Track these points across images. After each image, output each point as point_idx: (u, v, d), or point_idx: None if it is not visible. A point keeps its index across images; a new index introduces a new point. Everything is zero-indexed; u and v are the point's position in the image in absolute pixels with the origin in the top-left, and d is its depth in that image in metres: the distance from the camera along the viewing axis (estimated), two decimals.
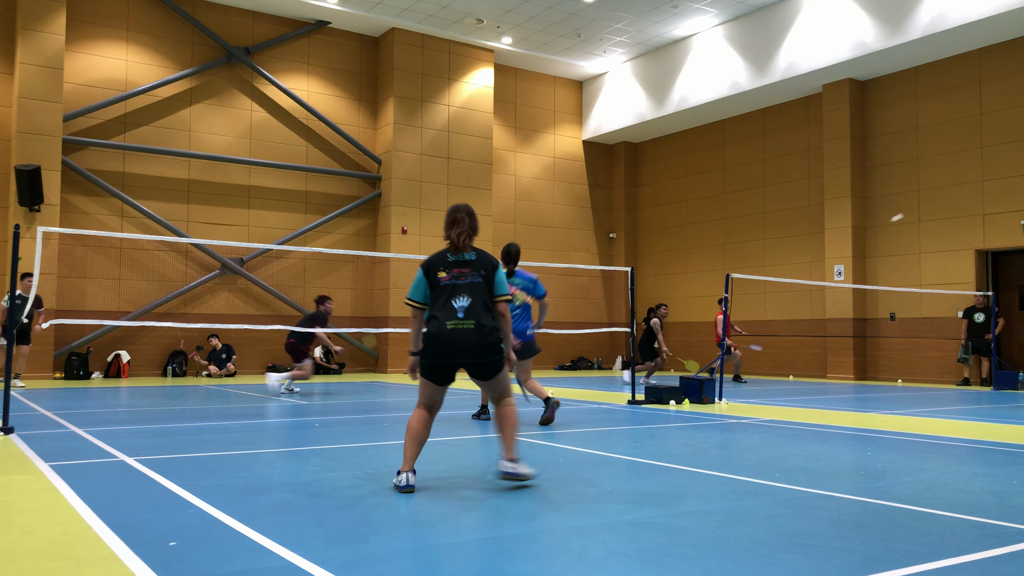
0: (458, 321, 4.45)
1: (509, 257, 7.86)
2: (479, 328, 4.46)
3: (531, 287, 7.94)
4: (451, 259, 4.62)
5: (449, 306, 4.48)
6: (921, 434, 7.26)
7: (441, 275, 4.57)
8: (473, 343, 4.44)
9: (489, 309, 4.56)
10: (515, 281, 7.91)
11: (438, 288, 4.56)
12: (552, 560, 3.08)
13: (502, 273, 4.68)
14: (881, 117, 17.27)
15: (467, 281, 4.54)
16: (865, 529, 3.59)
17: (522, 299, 7.88)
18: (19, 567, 2.93)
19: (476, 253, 4.67)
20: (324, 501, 4.11)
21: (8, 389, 6.85)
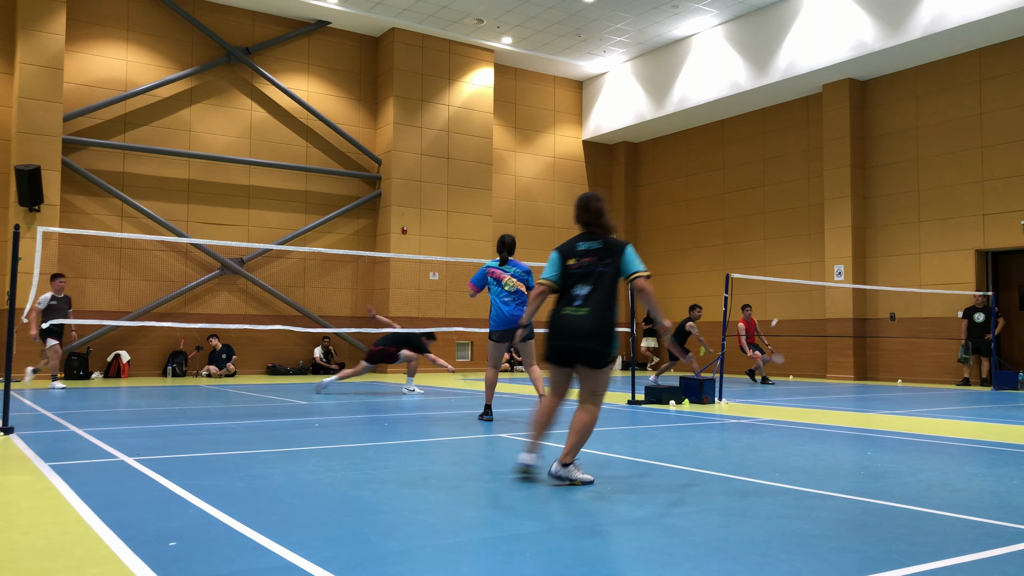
0: (575, 308, 4.63)
1: (503, 247, 8.19)
2: (592, 315, 4.58)
3: (525, 278, 8.15)
4: (580, 247, 4.77)
5: (570, 294, 4.68)
6: (921, 434, 7.26)
7: (570, 262, 4.75)
8: (586, 330, 4.55)
9: (609, 299, 4.64)
10: (508, 270, 8.14)
11: (567, 275, 4.75)
12: (552, 560, 3.08)
13: (630, 253, 4.75)
14: (881, 117, 17.27)
15: (591, 270, 4.67)
16: (865, 529, 3.59)
17: (514, 286, 8.09)
18: (19, 567, 2.93)
19: (604, 241, 4.76)
20: (324, 501, 4.11)
21: (8, 389, 6.85)
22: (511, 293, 8.08)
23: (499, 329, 8.09)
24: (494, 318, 8.12)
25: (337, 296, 18.73)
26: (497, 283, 8.15)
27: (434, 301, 18.98)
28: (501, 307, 8.08)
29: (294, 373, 17.54)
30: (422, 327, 18.10)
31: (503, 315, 8.06)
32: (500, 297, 8.11)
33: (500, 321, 8.08)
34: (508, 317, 8.03)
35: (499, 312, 8.09)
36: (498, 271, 8.17)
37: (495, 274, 8.17)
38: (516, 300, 8.08)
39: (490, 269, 8.21)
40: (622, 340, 22.43)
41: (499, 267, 8.17)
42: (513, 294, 8.08)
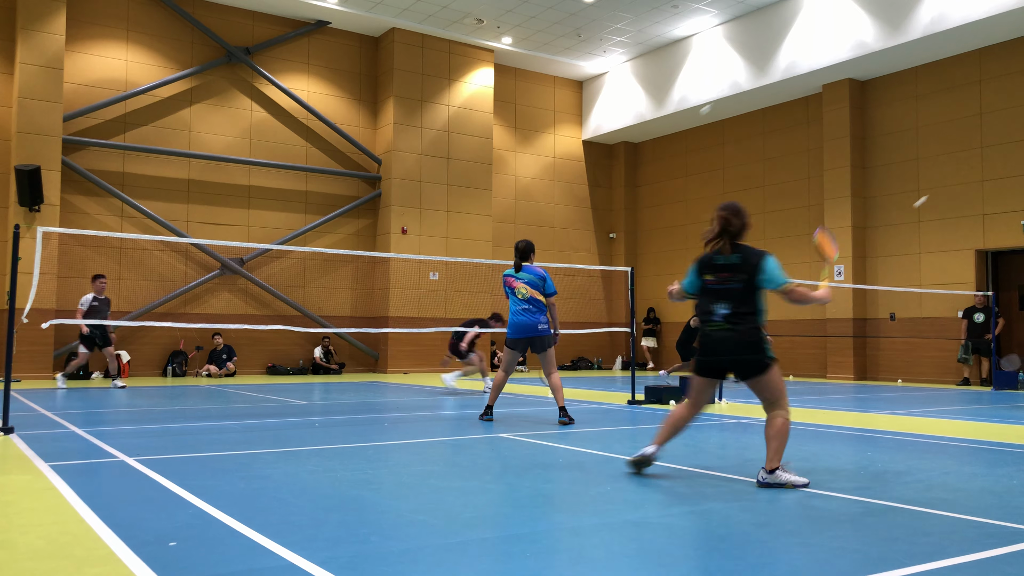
0: (718, 325, 4.77)
1: (516, 253, 8.13)
2: (737, 331, 4.70)
3: (539, 283, 7.99)
4: (718, 261, 4.89)
5: (711, 309, 4.82)
6: (921, 434, 7.26)
7: (708, 277, 4.90)
8: (733, 345, 4.70)
9: (751, 311, 4.74)
10: (522, 276, 8.01)
11: (705, 290, 4.89)
12: (552, 560, 3.08)
13: (770, 264, 4.81)
14: (881, 117, 17.27)
15: (727, 286, 4.79)
16: (865, 529, 3.59)
17: (528, 294, 7.93)
18: (19, 567, 2.93)
19: (741, 255, 4.86)
20: (324, 501, 4.11)
21: (8, 389, 6.85)
22: (525, 301, 7.93)
23: (513, 337, 8.00)
24: (510, 325, 8.04)
25: (337, 296, 18.74)
26: (512, 291, 8.05)
27: (434, 301, 18.98)
28: (515, 315, 7.96)
29: (294, 373, 17.53)
30: (422, 327, 18.11)
31: (517, 323, 7.94)
32: (515, 305, 8.00)
33: (514, 329, 7.98)
34: (521, 325, 7.91)
35: (513, 320, 7.98)
36: (512, 279, 8.07)
37: (509, 282, 8.08)
38: (531, 308, 7.93)
39: (506, 277, 8.12)
40: (622, 340, 22.43)
41: (514, 274, 8.07)
42: (527, 302, 7.93)
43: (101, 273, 13.52)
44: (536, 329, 7.89)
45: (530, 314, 7.91)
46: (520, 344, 7.98)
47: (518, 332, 7.95)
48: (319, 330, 17.39)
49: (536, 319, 7.90)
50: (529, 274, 8.02)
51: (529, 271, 8.04)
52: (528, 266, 8.08)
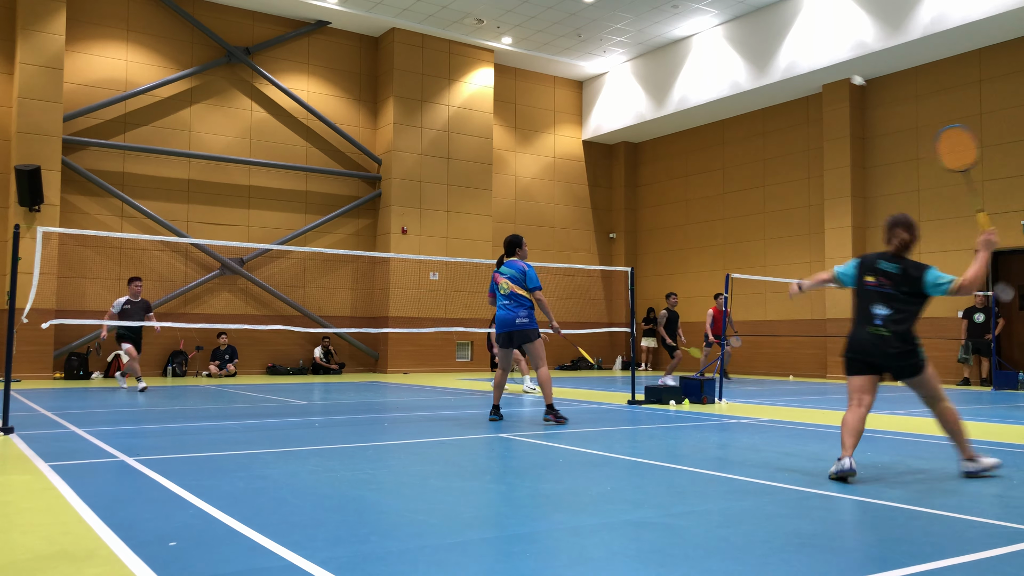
0: (876, 328, 4.92)
1: (504, 247, 8.14)
2: (895, 337, 4.88)
3: (519, 277, 7.90)
4: (880, 266, 5.03)
5: (869, 311, 4.97)
6: (921, 434, 7.26)
7: (868, 279, 5.03)
8: (890, 350, 4.88)
9: (909, 319, 4.93)
10: (504, 271, 7.97)
11: (864, 290, 5.03)
12: (552, 560, 3.07)
13: (930, 278, 4.89)
14: (881, 117, 17.27)
15: (887, 292, 4.95)
16: (865, 529, 3.59)
17: (509, 289, 7.87)
18: (19, 567, 2.93)
19: (901, 267, 4.96)
20: (324, 501, 4.11)
21: (8, 389, 6.85)
22: (506, 296, 7.91)
23: (496, 332, 8.02)
24: (494, 321, 8.03)
25: (337, 296, 18.74)
26: (496, 287, 8.05)
27: (434, 301, 18.98)
28: (497, 311, 7.99)
29: (294, 373, 17.53)
30: (422, 327, 18.11)
31: (497, 318, 7.98)
32: (498, 300, 8.01)
33: (496, 324, 8.01)
34: (500, 320, 7.91)
35: (496, 316, 8.03)
36: (497, 274, 8.07)
37: (495, 278, 8.08)
38: (510, 303, 7.88)
39: (494, 274, 8.12)
40: (622, 340, 22.43)
41: (498, 270, 8.08)
42: (507, 297, 7.90)
43: (137, 276, 13.25)
44: (514, 323, 7.82)
45: (509, 309, 7.86)
46: (502, 339, 7.95)
47: (498, 327, 7.96)
48: (319, 330, 17.40)
49: (514, 313, 7.82)
50: (511, 269, 7.96)
51: (511, 266, 7.99)
52: (511, 261, 8.04)
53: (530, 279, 7.90)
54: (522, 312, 7.85)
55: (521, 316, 7.83)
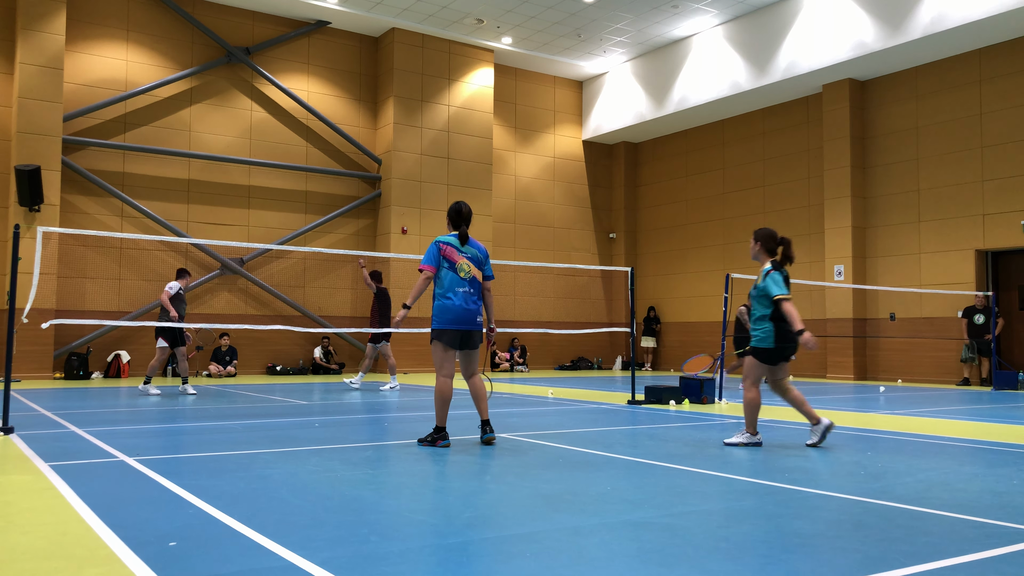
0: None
1: (462, 219, 6.41)
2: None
3: (482, 260, 6.41)
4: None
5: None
6: (921, 434, 7.26)
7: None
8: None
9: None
10: (465, 250, 6.33)
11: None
12: (552, 560, 3.08)
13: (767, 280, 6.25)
14: (881, 117, 17.27)
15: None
16: (865, 529, 3.59)
17: (471, 273, 6.31)
18: (19, 567, 2.93)
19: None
20: (324, 501, 4.11)
21: (8, 389, 6.85)
22: (467, 282, 6.26)
23: (445, 327, 6.19)
24: (442, 310, 6.20)
25: (337, 296, 18.74)
26: (453, 266, 6.26)
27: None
28: (451, 298, 6.20)
29: (294, 373, 17.53)
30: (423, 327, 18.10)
31: (454, 308, 6.19)
32: (454, 285, 6.22)
33: (450, 315, 6.18)
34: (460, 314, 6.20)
35: (447, 304, 6.20)
36: (454, 250, 6.27)
37: (449, 253, 6.27)
38: (472, 292, 6.29)
39: (444, 246, 6.29)
40: (622, 340, 22.42)
41: (458, 246, 6.30)
42: (470, 284, 6.27)
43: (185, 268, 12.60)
44: (475, 322, 6.26)
45: (472, 301, 6.26)
46: (457, 337, 6.19)
47: (455, 321, 6.17)
48: (319, 330, 17.40)
49: (476, 309, 6.29)
50: (474, 248, 6.38)
51: (474, 245, 6.40)
52: (474, 240, 6.43)
53: (489, 266, 6.48)
54: (480, 308, 6.36)
55: (480, 313, 6.33)
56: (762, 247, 6.61)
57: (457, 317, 6.16)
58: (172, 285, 11.51)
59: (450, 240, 6.30)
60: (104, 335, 16.06)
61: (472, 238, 6.43)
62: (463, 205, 6.43)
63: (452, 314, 6.16)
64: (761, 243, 6.61)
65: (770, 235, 6.62)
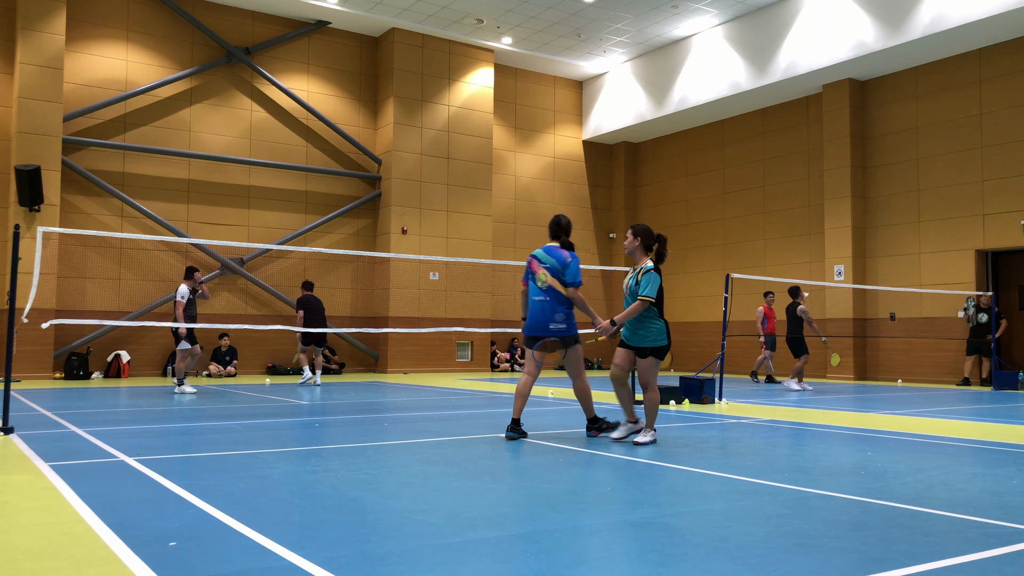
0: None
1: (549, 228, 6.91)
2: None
3: (559, 269, 6.63)
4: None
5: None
6: (921, 434, 7.26)
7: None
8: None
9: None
10: (541, 258, 6.72)
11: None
12: (552, 560, 3.07)
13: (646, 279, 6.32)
14: (881, 117, 17.27)
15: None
16: (865, 529, 3.59)
17: (547, 281, 6.66)
18: (19, 567, 2.93)
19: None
20: (324, 501, 4.11)
21: (8, 389, 6.85)
22: (543, 290, 6.67)
23: (525, 333, 6.79)
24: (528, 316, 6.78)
25: (337, 296, 18.74)
26: (532, 276, 6.76)
27: (434, 301, 18.98)
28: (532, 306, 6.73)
29: (294, 373, 17.53)
30: (422, 327, 18.11)
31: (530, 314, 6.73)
32: (534, 294, 6.73)
33: (528, 321, 6.74)
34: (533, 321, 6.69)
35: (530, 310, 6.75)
36: (535, 261, 6.76)
37: (532, 264, 6.78)
38: (547, 299, 6.66)
39: (531, 259, 6.82)
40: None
41: (539, 256, 6.75)
42: (545, 292, 6.66)
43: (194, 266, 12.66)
44: (547, 330, 6.63)
45: (544, 308, 6.63)
46: (529, 342, 6.78)
47: (529, 326, 6.74)
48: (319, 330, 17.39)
49: (549, 316, 6.61)
50: (551, 257, 6.68)
51: (551, 253, 6.70)
52: (551, 247, 6.74)
53: (570, 272, 6.61)
54: (559, 315, 6.63)
55: (557, 322, 6.62)
56: (641, 243, 6.42)
57: (530, 322, 6.74)
58: (182, 292, 11.56)
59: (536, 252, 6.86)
60: (104, 335, 16.07)
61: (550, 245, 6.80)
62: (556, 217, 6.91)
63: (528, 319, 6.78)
64: (641, 239, 6.41)
65: (648, 231, 6.43)
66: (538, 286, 6.69)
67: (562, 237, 6.80)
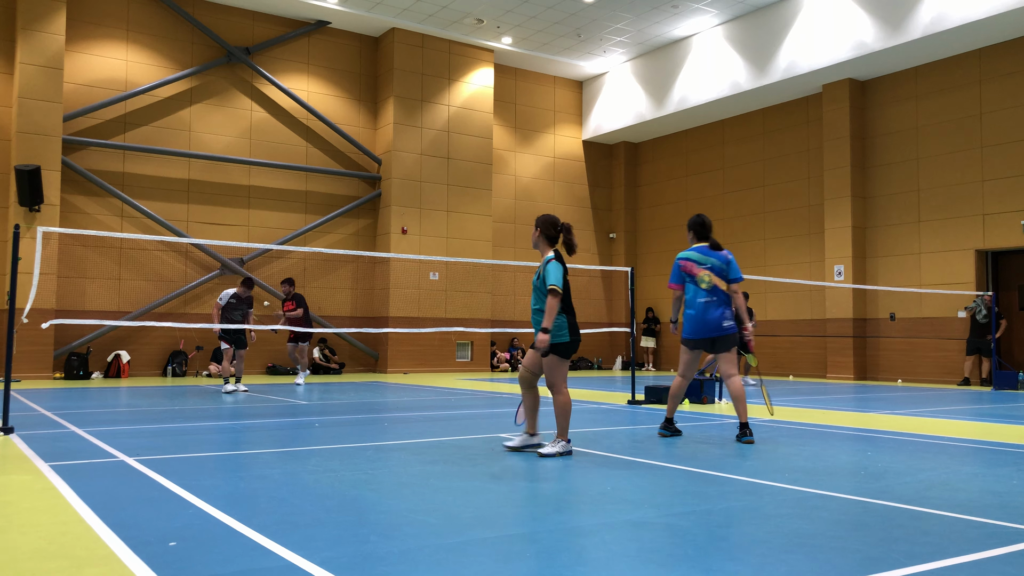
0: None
1: (703, 230, 6.85)
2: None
3: (723, 268, 6.67)
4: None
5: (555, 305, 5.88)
6: (921, 434, 7.26)
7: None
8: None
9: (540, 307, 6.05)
10: (700, 259, 6.69)
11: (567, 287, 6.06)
12: (552, 560, 3.07)
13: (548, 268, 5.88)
14: (881, 117, 17.27)
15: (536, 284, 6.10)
16: (865, 529, 3.59)
17: (712, 281, 6.62)
18: (19, 567, 2.93)
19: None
20: (324, 501, 4.11)
21: (8, 389, 6.85)
22: (709, 291, 6.60)
23: (692, 336, 6.67)
24: (687, 320, 6.69)
25: (337, 296, 18.74)
26: (692, 279, 6.70)
27: (434, 301, 18.98)
28: (694, 308, 6.64)
29: (294, 373, 17.53)
30: (422, 327, 18.11)
31: (697, 318, 6.61)
32: (695, 296, 6.67)
33: (694, 325, 6.63)
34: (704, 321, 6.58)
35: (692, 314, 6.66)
36: (692, 264, 6.70)
37: (687, 267, 6.73)
38: (714, 299, 6.60)
39: (684, 262, 6.75)
40: (622, 340, 22.41)
41: (695, 259, 6.71)
42: (711, 292, 6.60)
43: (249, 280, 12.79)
44: (721, 327, 6.56)
45: (713, 307, 6.57)
46: (702, 343, 6.65)
47: (698, 329, 6.61)
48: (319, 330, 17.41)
49: (720, 314, 6.57)
50: (711, 257, 6.67)
51: (710, 253, 6.69)
52: (701, 247, 6.75)
53: (734, 269, 6.68)
54: (728, 312, 6.62)
55: (728, 318, 6.60)
56: (542, 234, 6.11)
57: (700, 325, 6.62)
58: (224, 294, 11.91)
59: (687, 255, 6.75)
60: (104, 335, 16.07)
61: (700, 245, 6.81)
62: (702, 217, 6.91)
63: (694, 322, 6.65)
64: (541, 230, 6.11)
65: (550, 222, 6.12)
66: (702, 287, 6.62)
67: (712, 237, 6.83)
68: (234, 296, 11.87)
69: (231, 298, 11.86)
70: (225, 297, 11.86)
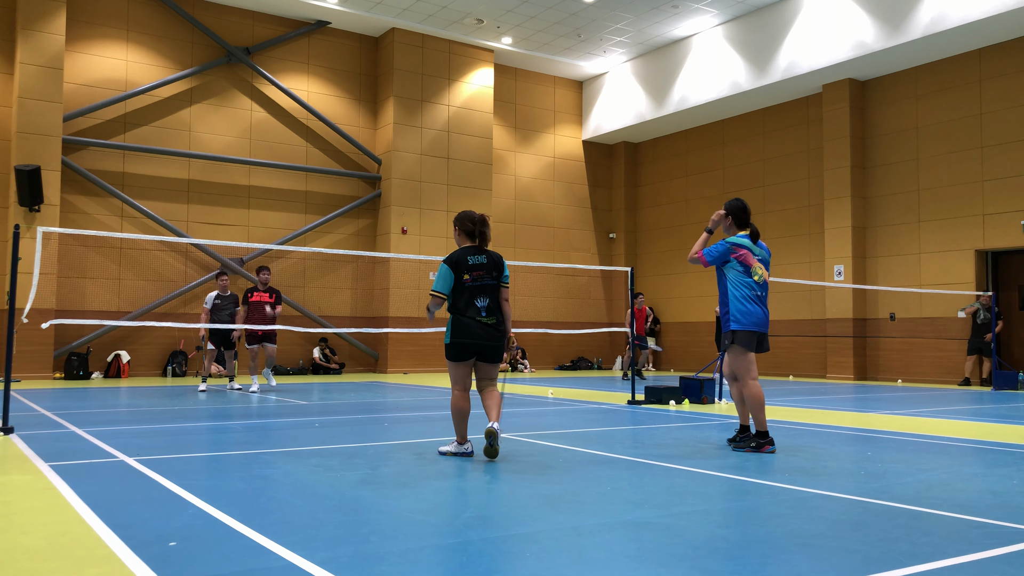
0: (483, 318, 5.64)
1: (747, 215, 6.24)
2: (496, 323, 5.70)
3: (768, 261, 6.27)
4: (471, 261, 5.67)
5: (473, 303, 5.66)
6: (921, 434, 7.26)
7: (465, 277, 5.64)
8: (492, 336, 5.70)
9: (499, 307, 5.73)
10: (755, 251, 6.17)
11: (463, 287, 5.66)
12: (552, 560, 3.07)
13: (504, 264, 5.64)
14: (881, 117, 17.27)
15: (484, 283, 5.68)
16: (865, 529, 3.59)
17: (764, 277, 6.14)
18: (19, 567, 2.93)
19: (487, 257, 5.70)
20: (324, 501, 4.11)
21: (8, 389, 6.85)
22: (761, 287, 6.10)
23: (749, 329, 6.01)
24: (741, 314, 6.02)
25: (337, 296, 18.74)
26: (748, 270, 6.08)
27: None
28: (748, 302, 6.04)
29: (294, 373, 17.53)
30: (422, 327, 18.10)
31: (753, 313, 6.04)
32: (748, 290, 6.06)
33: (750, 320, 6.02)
34: (760, 317, 6.05)
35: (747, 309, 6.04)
36: (748, 253, 6.10)
37: (745, 257, 6.10)
38: (765, 296, 6.14)
39: (738, 248, 6.11)
40: (622, 340, 22.42)
41: (751, 247, 6.12)
42: (764, 288, 6.12)
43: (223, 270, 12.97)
44: (768, 324, 6.12)
45: (765, 303, 6.11)
46: (755, 340, 6.03)
47: (756, 324, 6.02)
48: (319, 330, 17.40)
49: (768, 312, 6.15)
50: (763, 250, 6.21)
51: (762, 248, 6.21)
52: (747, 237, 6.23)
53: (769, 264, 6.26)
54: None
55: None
56: (460, 230, 5.77)
57: (756, 320, 6.04)
58: (208, 297, 12.11)
59: (738, 240, 6.14)
60: (104, 335, 16.06)
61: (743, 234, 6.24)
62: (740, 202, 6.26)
63: (751, 318, 6.04)
64: (458, 227, 5.77)
65: (463, 217, 5.76)
66: (756, 281, 6.06)
67: (752, 224, 6.25)
68: (218, 297, 12.00)
69: (215, 299, 11.98)
70: (210, 300, 12.07)
